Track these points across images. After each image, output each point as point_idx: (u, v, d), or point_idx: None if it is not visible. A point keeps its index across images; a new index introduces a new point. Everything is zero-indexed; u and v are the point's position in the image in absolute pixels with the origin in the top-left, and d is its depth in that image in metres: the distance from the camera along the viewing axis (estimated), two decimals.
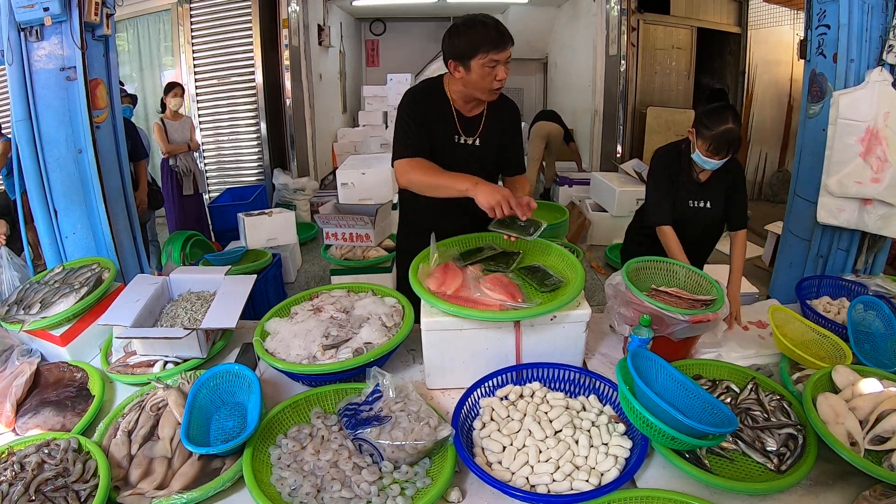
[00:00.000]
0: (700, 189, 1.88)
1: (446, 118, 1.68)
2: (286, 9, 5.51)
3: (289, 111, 5.78)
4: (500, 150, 1.78)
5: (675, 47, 5.84)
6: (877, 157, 2.14)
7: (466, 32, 1.53)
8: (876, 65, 2.16)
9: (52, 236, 2.13)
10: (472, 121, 1.72)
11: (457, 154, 1.71)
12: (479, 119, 1.72)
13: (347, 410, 1.21)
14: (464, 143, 1.71)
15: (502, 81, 1.57)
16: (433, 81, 1.73)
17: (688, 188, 1.88)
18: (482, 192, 1.44)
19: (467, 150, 1.72)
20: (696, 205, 1.89)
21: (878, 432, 1.10)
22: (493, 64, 1.53)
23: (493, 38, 1.51)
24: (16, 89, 1.97)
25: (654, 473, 1.12)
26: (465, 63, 1.55)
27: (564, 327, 1.34)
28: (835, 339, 1.42)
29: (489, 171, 1.80)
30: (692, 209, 1.89)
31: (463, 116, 1.70)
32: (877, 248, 2.42)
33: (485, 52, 1.51)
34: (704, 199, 1.89)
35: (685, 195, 1.88)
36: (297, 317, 1.52)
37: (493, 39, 1.51)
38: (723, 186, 1.88)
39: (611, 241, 4.61)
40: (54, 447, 1.14)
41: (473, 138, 1.72)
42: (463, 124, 1.70)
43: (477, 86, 1.58)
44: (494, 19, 1.55)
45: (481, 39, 1.51)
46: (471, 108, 1.71)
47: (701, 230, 1.93)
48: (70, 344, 1.56)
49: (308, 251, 4.78)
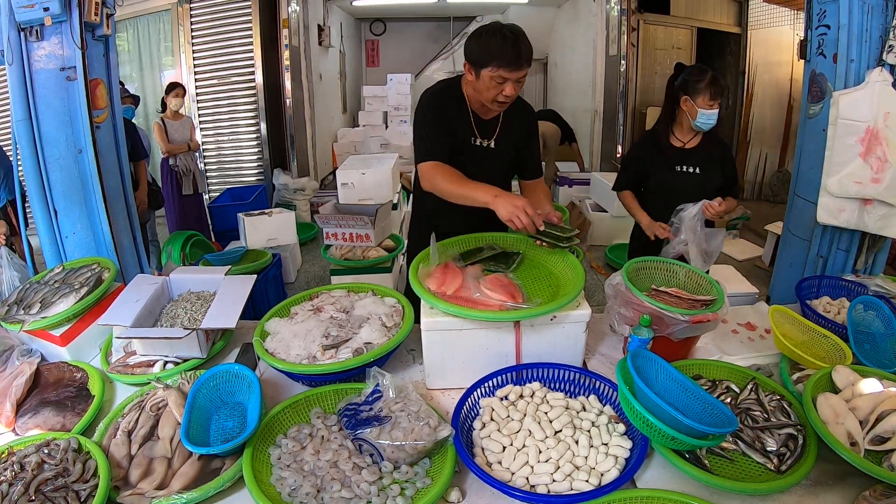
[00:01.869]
0: (686, 155, 2.03)
1: (464, 120, 1.68)
2: (286, 9, 5.51)
3: (289, 111, 5.78)
4: (516, 153, 1.78)
5: (675, 47, 5.84)
6: (877, 158, 2.14)
7: (486, 40, 1.51)
8: (876, 65, 2.16)
9: (52, 236, 2.13)
10: (488, 123, 1.72)
11: (473, 156, 1.71)
12: (495, 122, 1.72)
13: (347, 410, 1.21)
14: (480, 146, 1.71)
15: (509, 98, 1.56)
16: (451, 83, 1.73)
17: (671, 155, 2.04)
18: (501, 205, 1.44)
19: (484, 153, 1.72)
20: (685, 169, 2.03)
21: (878, 432, 1.10)
22: (501, 80, 1.52)
23: (508, 56, 1.48)
24: (16, 89, 1.97)
25: (654, 473, 1.12)
26: (476, 69, 1.55)
27: (564, 327, 1.34)
28: (835, 339, 1.42)
29: (505, 174, 1.81)
30: (680, 174, 2.03)
31: (479, 118, 1.70)
32: (877, 249, 2.42)
33: (496, 66, 1.50)
34: (693, 165, 2.02)
35: (670, 162, 2.04)
36: (297, 317, 1.52)
37: (508, 57, 1.48)
38: (714, 156, 2.03)
39: (611, 241, 4.61)
40: (54, 447, 1.14)
41: (490, 141, 1.72)
42: (479, 126, 1.70)
43: (483, 95, 1.58)
44: (519, 34, 1.51)
45: (496, 53, 1.49)
46: (487, 111, 1.70)
47: (692, 198, 1.94)
48: (70, 344, 1.56)
49: (308, 251, 4.78)
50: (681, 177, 2.03)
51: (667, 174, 2.05)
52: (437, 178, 1.59)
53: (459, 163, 1.64)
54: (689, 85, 1.94)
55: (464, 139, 1.69)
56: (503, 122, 1.73)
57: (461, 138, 1.69)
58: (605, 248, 4.48)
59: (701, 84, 1.91)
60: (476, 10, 8.25)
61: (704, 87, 1.90)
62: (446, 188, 1.57)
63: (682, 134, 2.06)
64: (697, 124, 1.96)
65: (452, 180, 1.57)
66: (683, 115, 2.01)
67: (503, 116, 1.72)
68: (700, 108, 1.92)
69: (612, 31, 5.64)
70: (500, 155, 1.75)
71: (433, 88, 1.73)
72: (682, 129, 2.06)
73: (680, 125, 2.06)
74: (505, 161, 1.78)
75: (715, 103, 1.91)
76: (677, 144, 2.06)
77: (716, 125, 1.98)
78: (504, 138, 1.74)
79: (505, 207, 1.43)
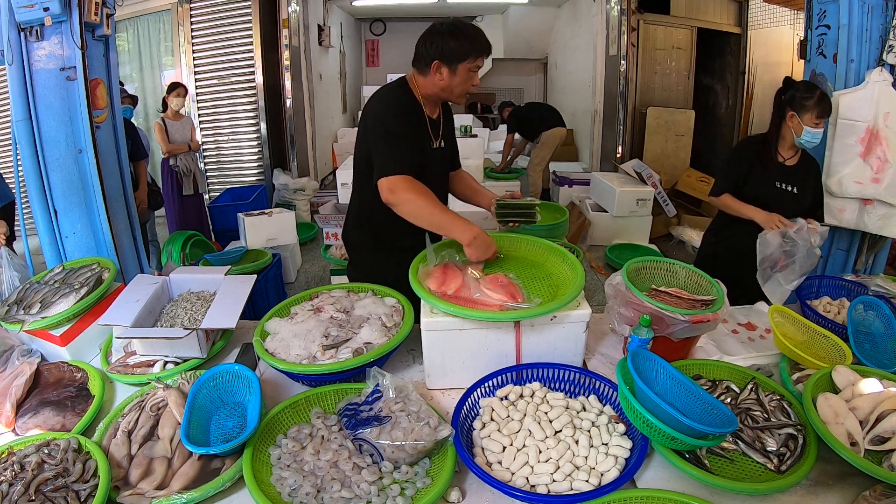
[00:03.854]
0: (786, 172, 2.00)
1: (424, 125, 1.67)
2: (286, 9, 5.51)
3: (289, 111, 5.78)
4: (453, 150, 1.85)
5: (675, 47, 5.84)
6: (877, 158, 2.14)
7: (460, 36, 1.55)
8: (876, 65, 2.16)
9: (52, 236, 2.13)
10: (436, 123, 1.72)
11: (432, 160, 1.69)
12: (439, 121, 1.73)
13: (347, 410, 1.21)
14: (436, 148, 1.72)
15: (476, 85, 1.66)
16: (403, 88, 1.65)
17: (772, 171, 2.01)
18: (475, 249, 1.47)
19: (439, 154, 1.73)
20: (783, 187, 2.00)
21: (878, 432, 1.10)
22: (476, 69, 1.61)
23: (483, 45, 1.58)
24: (16, 89, 1.97)
25: (654, 473, 1.12)
26: (452, 66, 1.56)
27: (564, 327, 1.34)
28: (835, 339, 1.42)
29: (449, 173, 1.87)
30: (778, 190, 2.00)
31: (432, 120, 1.70)
32: (877, 249, 2.42)
33: (475, 56, 1.57)
34: (791, 184, 2.00)
35: (770, 177, 2.00)
36: (297, 317, 1.52)
37: (483, 46, 1.58)
38: (811, 175, 2.01)
39: (611, 241, 4.62)
40: (54, 447, 1.14)
41: (440, 141, 1.73)
42: (433, 129, 1.70)
43: (455, 90, 1.61)
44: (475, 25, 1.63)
45: (473, 45, 1.57)
46: (433, 111, 1.71)
47: (788, 215, 1.94)
48: (70, 344, 1.56)
49: (308, 251, 4.78)
50: (779, 194, 1.99)
51: (766, 189, 2.00)
52: (408, 197, 1.51)
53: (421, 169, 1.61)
54: (797, 101, 1.92)
55: (426, 144, 1.68)
56: (444, 119, 1.75)
57: (424, 144, 1.67)
58: (605, 248, 4.48)
59: (810, 101, 1.88)
60: (476, 10, 8.26)
61: (813, 104, 1.88)
62: (417, 211, 1.51)
63: (785, 150, 2.03)
64: (802, 141, 1.94)
65: (427, 204, 1.51)
66: (788, 131, 1.98)
67: (443, 115, 1.75)
68: (806, 125, 1.90)
69: (612, 31, 5.64)
70: (448, 154, 1.79)
71: (394, 94, 1.64)
72: (785, 145, 2.02)
73: (783, 140, 2.02)
74: (452, 160, 1.83)
75: (822, 122, 1.90)
76: (779, 160, 2.02)
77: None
78: (448, 136, 1.77)
79: (476, 253, 1.47)
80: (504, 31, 8.34)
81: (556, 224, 2.18)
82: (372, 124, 1.60)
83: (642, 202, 4.58)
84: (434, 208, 1.53)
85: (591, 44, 6.20)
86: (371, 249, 1.82)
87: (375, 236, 1.78)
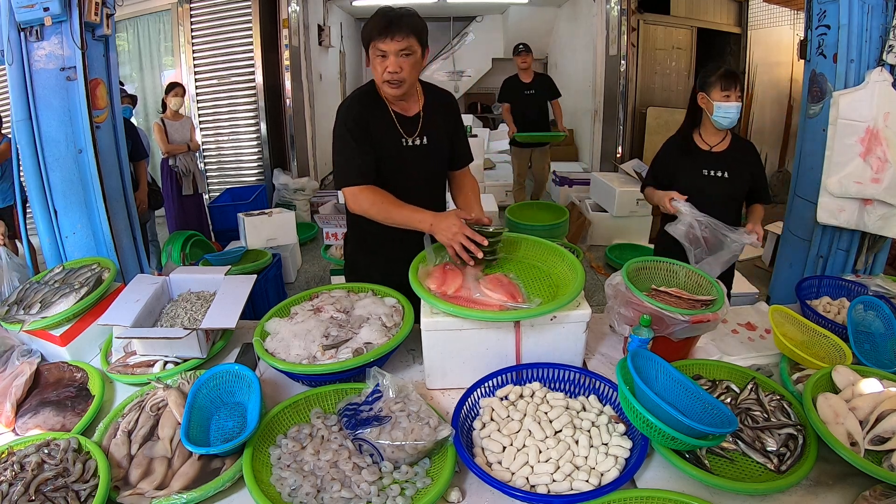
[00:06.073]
0: (713, 159, 2.00)
1: (387, 122, 1.61)
2: (286, 9, 5.51)
3: (289, 111, 5.78)
4: (450, 146, 1.74)
5: (675, 47, 5.85)
6: (877, 158, 2.14)
7: (368, 22, 1.48)
8: (876, 65, 2.16)
9: (52, 236, 2.13)
10: (411, 120, 1.64)
11: (409, 158, 1.64)
12: (417, 117, 1.65)
13: (347, 410, 1.21)
14: (413, 145, 1.64)
15: (393, 75, 1.49)
16: (366, 88, 1.64)
17: (698, 159, 2.01)
18: (440, 231, 1.44)
19: (419, 152, 1.65)
20: (712, 174, 1.99)
21: (878, 432, 1.10)
22: (382, 54, 1.48)
23: (379, 25, 1.45)
24: (16, 89, 1.97)
25: (654, 473, 1.12)
26: (367, 56, 1.52)
27: (564, 327, 1.34)
28: (835, 339, 1.42)
29: (441, 171, 1.78)
30: (706, 178, 1.99)
31: (403, 117, 1.63)
32: (877, 249, 2.42)
33: (372, 39, 1.47)
34: (721, 169, 1.99)
35: (696, 165, 2.00)
36: (297, 317, 1.52)
37: (378, 27, 1.45)
38: (743, 162, 1.99)
39: (611, 241, 4.62)
40: (54, 447, 1.14)
41: (421, 138, 1.65)
42: (404, 125, 1.63)
43: (377, 80, 1.54)
44: (397, 9, 1.48)
45: (371, 28, 1.47)
46: (407, 107, 1.64)
47: (720, 202, 1.94)
48: (70, 344, 1.56)
49: (308, 251, 4.78)
50: (708, 181, 1.98)
51: (694, 177, 2.00)
52: (365, 202, 1.55)
53: (394, 168, 1.60)
54: (702, 81, 1.95)
55: (394, 143, 1.62)
56: (426, 115, 1.65)
57: (391, 142, 1.61)
58: (605, 248, 4.48)
59: (713, 77, 1.91)
60: (476, 10, 8.25)
61: (716, 79, 1.89)
62: (379, 217, 1.54)
63: (709, 136, 2.01)
64: (716, 119, 1.92)
65: (384, 207, 1.53)
66: (705, 115, 1.98)
67: (424, 109, 1.65)
68: (715, 100, 1.90)
69: (612, 31, 5.64)
70: (435, 151, 1.68)
71: (347, 100, 1.64)
72: (708, 131, 2.01)
73: (705, 127, 2.02)
74: (441, 157, 1.72)
75: (730, 94, 1.88)
76: (704, 147, 2.01)
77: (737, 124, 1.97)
78: (434, 132, 1.67)
79: (444, 234, 1.43)
80: (504, 31, 8.34)
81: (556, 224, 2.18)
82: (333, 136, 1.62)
83: (642, 202, 4.58)
84: (391, 209, 1.52)
85: (591, 44, 6.20)
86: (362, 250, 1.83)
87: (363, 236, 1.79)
